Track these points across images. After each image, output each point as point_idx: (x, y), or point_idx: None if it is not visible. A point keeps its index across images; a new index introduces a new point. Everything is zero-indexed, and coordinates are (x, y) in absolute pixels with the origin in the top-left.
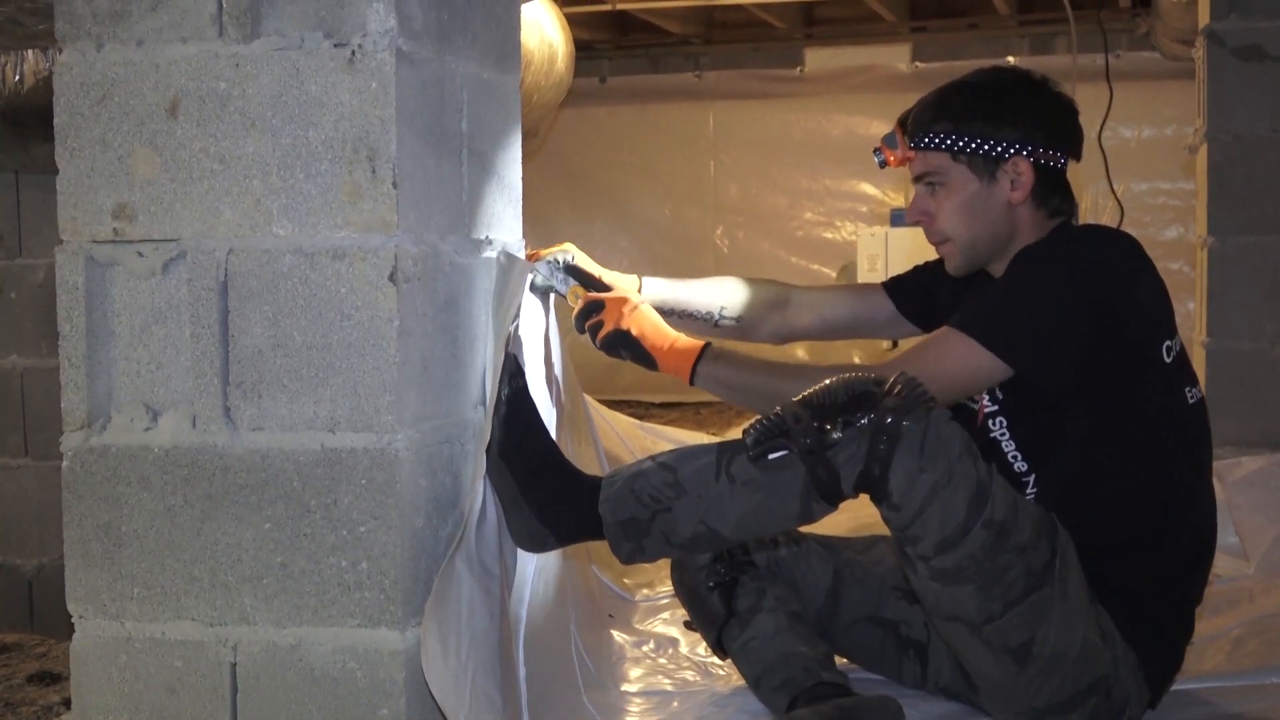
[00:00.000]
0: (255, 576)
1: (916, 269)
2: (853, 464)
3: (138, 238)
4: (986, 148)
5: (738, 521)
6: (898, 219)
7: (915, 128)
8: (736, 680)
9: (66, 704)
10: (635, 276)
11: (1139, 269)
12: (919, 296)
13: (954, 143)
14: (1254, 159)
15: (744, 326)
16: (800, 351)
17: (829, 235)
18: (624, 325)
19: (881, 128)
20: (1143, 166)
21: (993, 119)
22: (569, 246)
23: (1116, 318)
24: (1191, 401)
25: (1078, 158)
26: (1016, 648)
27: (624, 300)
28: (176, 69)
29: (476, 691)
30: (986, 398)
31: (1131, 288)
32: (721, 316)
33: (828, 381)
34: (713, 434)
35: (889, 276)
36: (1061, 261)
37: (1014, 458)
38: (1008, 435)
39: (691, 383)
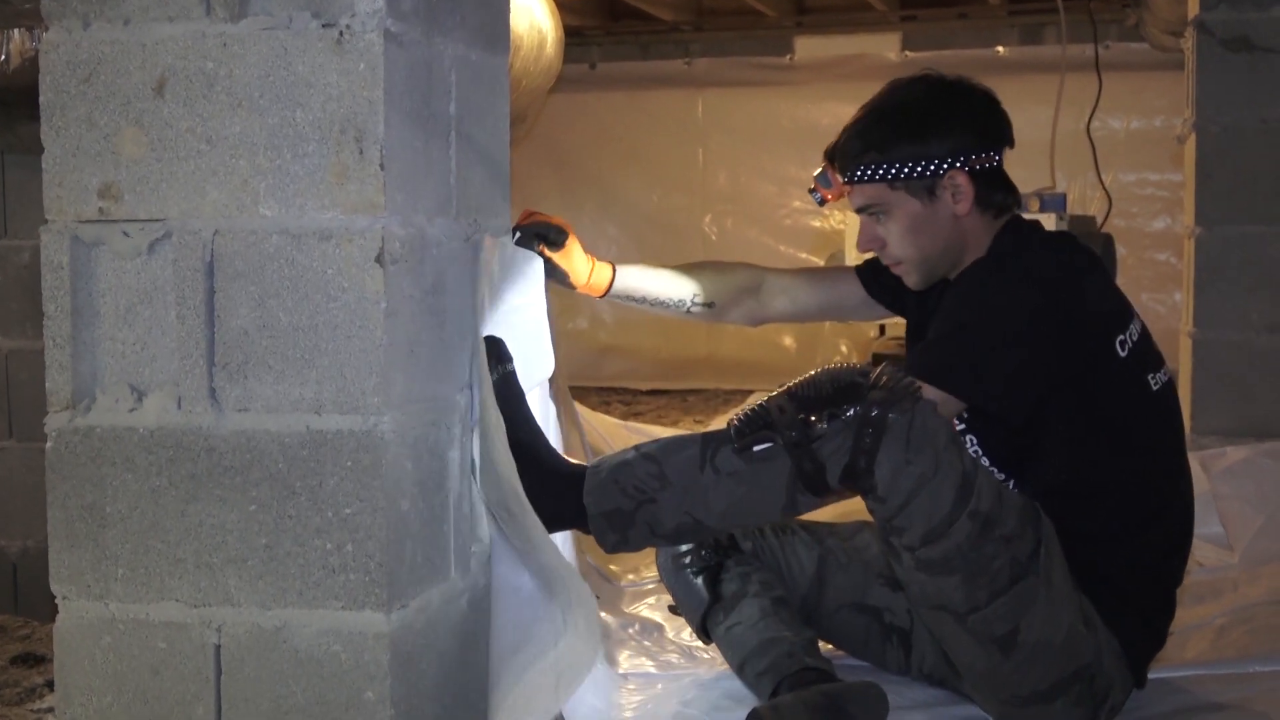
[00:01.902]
0: (240, 558)
1: None
2: (838, 456)
3: (123, 217)
4: (920, 169)
5: (722, 513)
6: None
7: (844, 163)
8: (721, 664)
9: (50, 685)
10: (609, 266)
11: (1080, 270)
12: (890, 281)
13: (886, 171)
14: (1242, 150)
15: (716, 312)
16: (787, 339)
17: (817, 223)
18: None
19: None
20: (1131, 157)
21: (919, 139)
22: (569, 233)
23: (1065, 327)
24: (1156, 387)
25: (1011, 145)
26: (1001, 637)
27: None
28: (163, 48)
29: None
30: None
31: (1076, 293)
32: (693, 303)
33: (813, 373)
34: (699, 421)
35: (863, 260)
36: (1003, 285)
37: (991, 471)
38: (980, 453)
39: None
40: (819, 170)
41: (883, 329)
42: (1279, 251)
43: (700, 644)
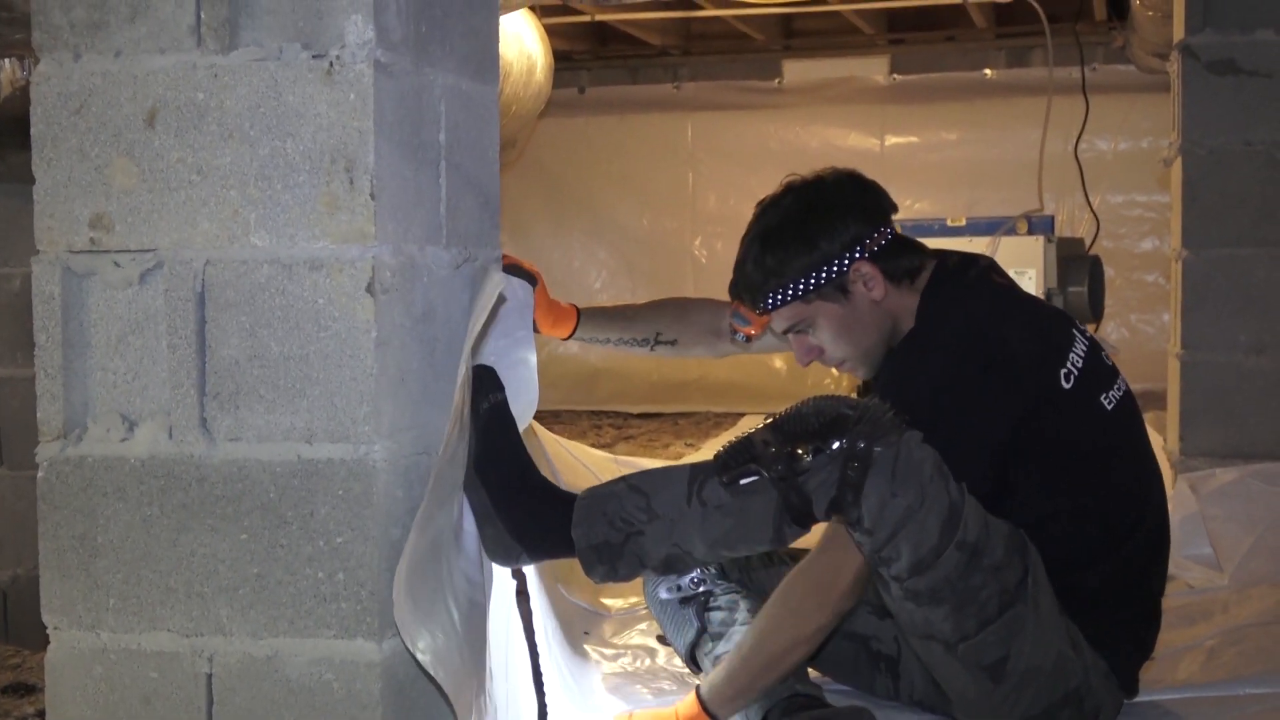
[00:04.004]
0: (231, 587)
1: None
2: (824, 490)
3: (115, 248)
4: (824, 276)
5: (710, 545)
6: None
7: (752, 298)
8: None
9: (41, 715)
10: (573, 309)
11: (1002, 319)
12: None
13: (794, 291)
14: (1227, 172)
15: (679, 349)
16: (778, 362)
17: None
18: None
19: (859, 139)
20: (1118, 179)
21: (809, 249)
22: (538, 278)
23: (1000, 383)
24: (1111, 406)
25: (895, 211)
26: (991, 665)
27: None
28: (154, 79)
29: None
30: None
31: (1002, 345)
32: (656, 341)
33: (798, 404)
34: (690, 445)
35: None
36: (931, 360)
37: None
38: None
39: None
40: (732, 312)
41: None
42: (1265, 273)
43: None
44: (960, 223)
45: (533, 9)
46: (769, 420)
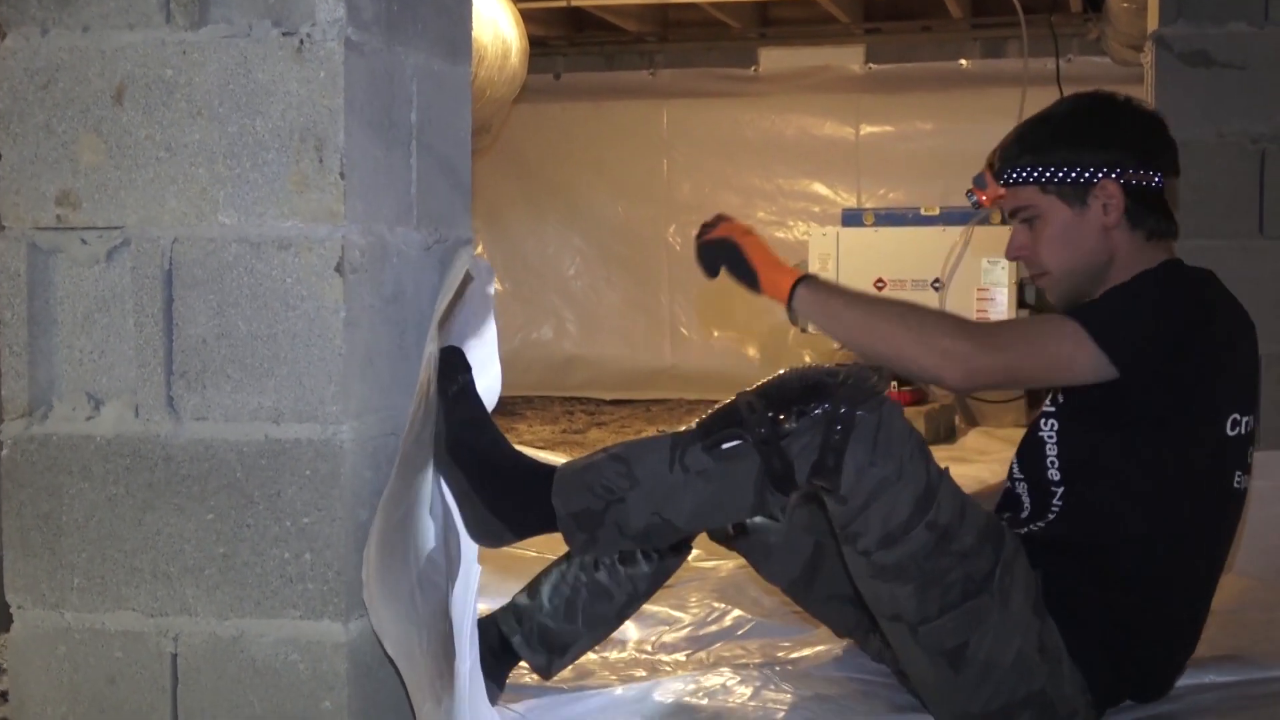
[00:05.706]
0: (197, 567)
1: None
2: (807, 454)
3: (81, 225)
4: (1073, 175)
5: (691, 512)
6: (849, 219)
7: (1001, 165)
8: (682, 672)
9: (4, 696)
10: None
11: (1241, 334)
12: None
13: (1039, 175)
14: (1200, 164)
15: None
16: (751, 350)
17: (781, 234)
18: (737, 239)
19: (835, 128)
20: None
21: (1075, 146)
22: None
23: (1203, 359)
24: (1236, 486)
25: (1174, 174)
26: (950, 650)
27: (746, 228)
28: (123, 55)
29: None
30: (1049, 395)
31: (1229, 345)
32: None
33: (781, 372)
34: (662, 431)
35: None
36: (1179, 289)
37: (1051, 463)
38: (1055, 439)
39: (789, 305)
40: (978, 173)
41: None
42: (1236, 265)
43: (664, 656)
44: (935, 212)
45: None
46: (752, 387)
